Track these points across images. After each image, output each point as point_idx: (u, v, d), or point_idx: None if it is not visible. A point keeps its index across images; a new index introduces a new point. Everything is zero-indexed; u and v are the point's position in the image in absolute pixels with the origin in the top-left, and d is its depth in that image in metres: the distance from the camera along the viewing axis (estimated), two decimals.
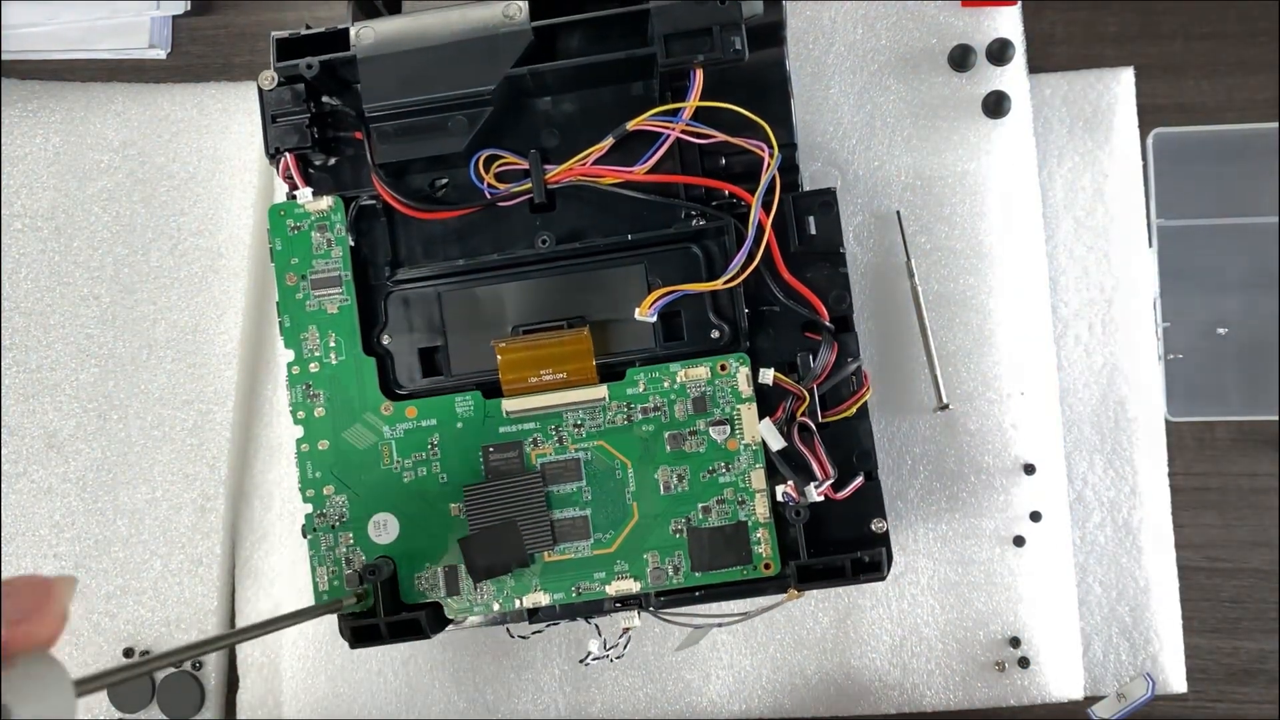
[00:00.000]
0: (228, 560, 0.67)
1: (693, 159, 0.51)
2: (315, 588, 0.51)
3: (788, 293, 0.51)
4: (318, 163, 0.53)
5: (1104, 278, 0.65)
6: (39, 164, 0.69)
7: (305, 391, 0.51)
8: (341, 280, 0.51)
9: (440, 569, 0.51)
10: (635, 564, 0.50)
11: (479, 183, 0.51)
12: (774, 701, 0.63)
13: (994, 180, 0.65)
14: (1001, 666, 0.62)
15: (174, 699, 0.66)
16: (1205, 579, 0.64)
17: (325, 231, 0.51)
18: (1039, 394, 0.64)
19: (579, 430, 0.51)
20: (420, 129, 0.51)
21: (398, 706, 0.65)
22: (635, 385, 0.50)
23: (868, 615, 0.63)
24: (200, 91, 0.68)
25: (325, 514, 0.51)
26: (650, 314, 0.50)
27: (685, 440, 0.50)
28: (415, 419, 0.51)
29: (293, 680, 0.66)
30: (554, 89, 0.52)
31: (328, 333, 0.51)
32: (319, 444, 0.51)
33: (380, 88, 0.50)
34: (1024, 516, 0.63)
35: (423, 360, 0.52)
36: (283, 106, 0.52)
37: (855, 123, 0.66)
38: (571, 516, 0.50)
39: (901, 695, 0.63)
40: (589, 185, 0.51)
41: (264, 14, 0.71)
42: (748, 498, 0.50)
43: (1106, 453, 0.65)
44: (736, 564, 0.50)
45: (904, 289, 0.64)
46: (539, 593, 0.50)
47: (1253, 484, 0.65)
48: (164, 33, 0.71)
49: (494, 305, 0.52)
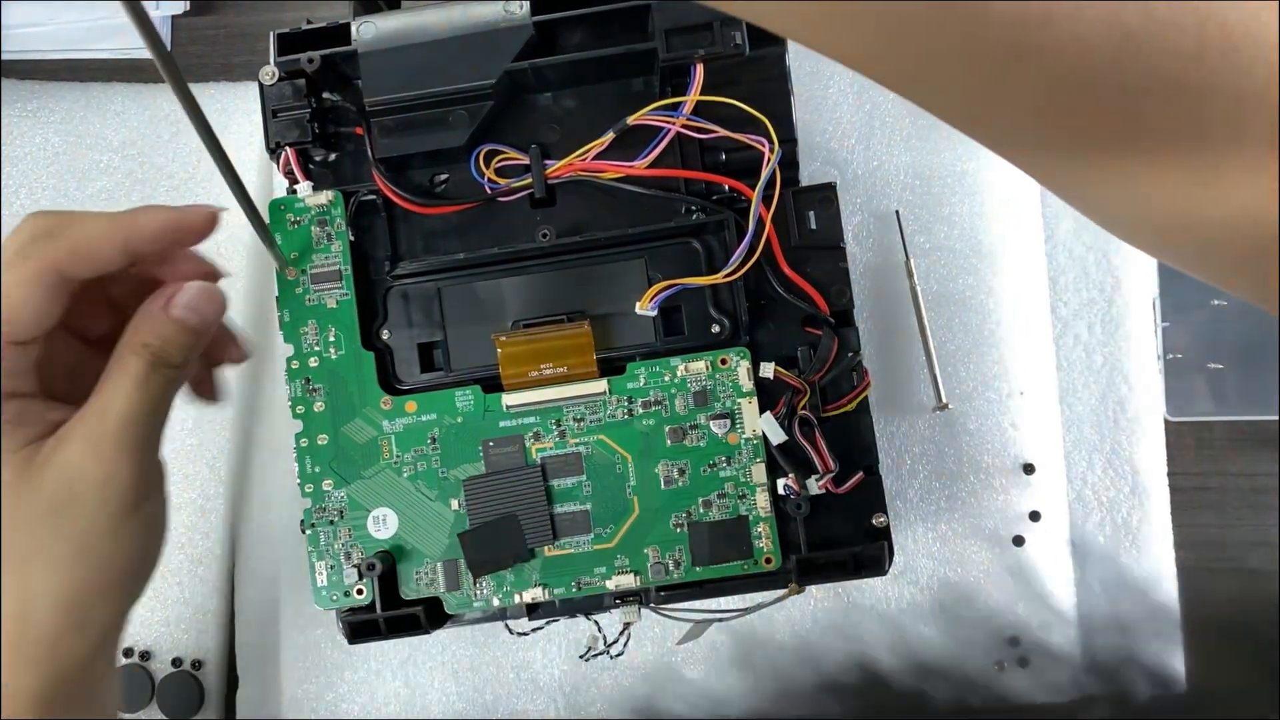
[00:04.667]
0: (228, 560, 0.67)
1: (693, 154, 0.51)
2: (314, 583, 0.51)
3: (788, 287, 0.51)
4: (318, 158, 0.53)
5: (1103, 278, 0.65)
6: (39, 164, 0.69)
7: (304, 386, 0.51)
8: (341, 275, 0.51)
9: (440, 564, 0.50)
10: (636, 558, 0.50)
11: (479, 178, 0.51)
12: (773, 701, 0.63)
13: (994, 180, 0.65)
14: (1001, 666, 0.62)
15: (174, 699, 0.65)
16: (1205, 579, 0.64)
17: (325, 226, 0.51)
18: (1039, 394, 0.64)
19: (579, 424, 0.50)
20: (421, 124, 0.51)
21: (398, 706, 0.65)
22: (636, 379, 0.50)
23: (868, 615, 0.63)
24: (200, 91, 0.68)
25: (324, 509, 0.51)
26: (651, 308, 0.50)
27: (686, 434, 0.50)
28: (415, 413, 0.51)
29: (292, 680, 0.65)
30: (554, 84, 0.52)
31: (327, 327, 0.51)
32: (318, 439, 0.51)
33: (381, 82, 0.50)
34: (1024, 516, 0.63)
35: (422, 355, 0.52)
36: (283, 101, 0.52)
37: (854, 122, 0.66)
38: (572, 511, 0.50)
39: (901, 695, 0.63)
40: (589, 180, 0.51)
41: (264, 14, 0.71)
42: (748, 492, 0.50)
43: (1106, 453, 0.65)
44: (737, 558, 0.50)
45: (903, 288, 0.64)
46: (539, 588, 0.50)
47: (1252, 484, 0.65)
48: (164, 33, 0.71)
49: (494, 300, 0.52)
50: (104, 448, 0.41)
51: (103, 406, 0.42)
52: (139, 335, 0.43)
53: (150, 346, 0.42)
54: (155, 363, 0.42)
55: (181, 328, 0.43)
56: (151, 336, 0.43)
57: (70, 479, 0.41)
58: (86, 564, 0.42)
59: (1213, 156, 0.31)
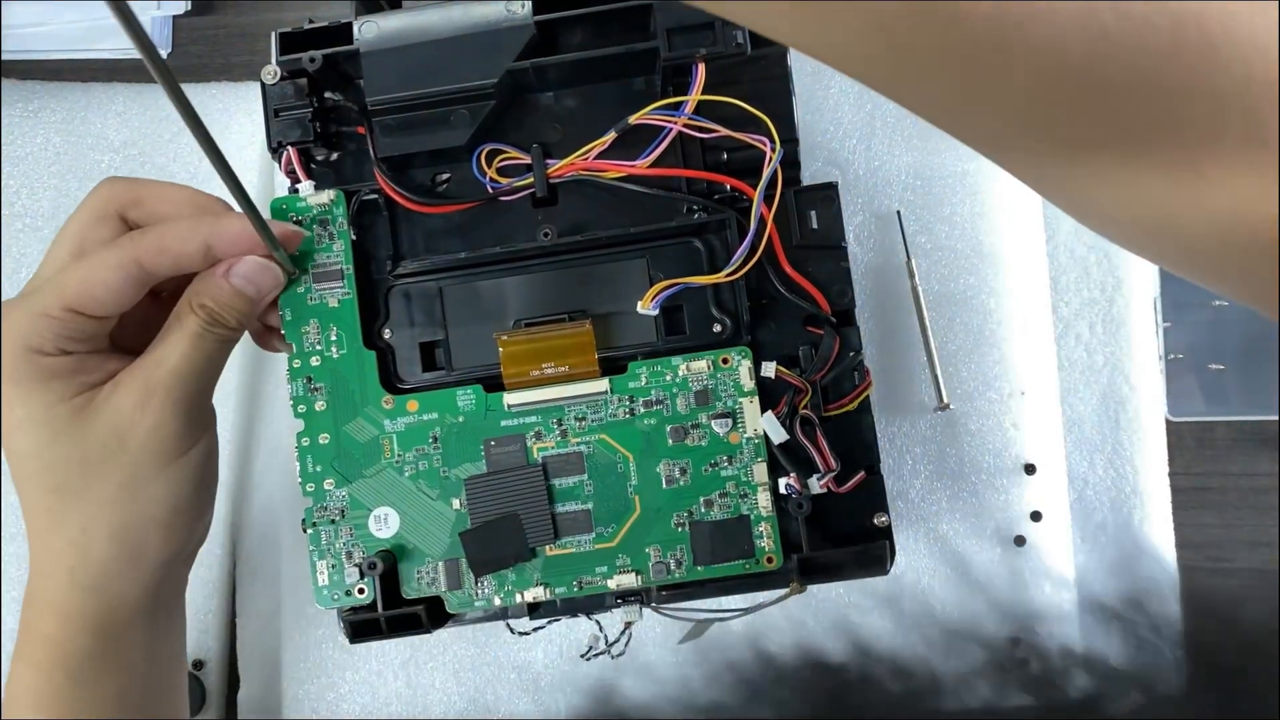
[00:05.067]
0: (229, 560, 0.67)
1: (695, 153, 0.51)
2: (315, 582, 0.51)
3: (789, 286, 0.51)
4: (320, 157, 0.53)
5: (1104, 278, 0.65)
6: (39, 164, 0.69)
7: (306, 385, 0.51)
8: (343, 274, 0.51)
9: (441, 563, 0.50)
10: (637, 558, 0.50)
11: (481, 177, 0.51)
12: (773, 701, 0.63)
13: (994, 180, 0.65)
14: (1001, 666, 0.62)
15: None
16: (1205, 579, 0.64)
17: (327, 225, 0.51)
18: (1039, 394, 0.64)
19: (581, 424, 0.50)
20: (422, 123, 0.51)
21: (398, 706, 0.65)
22: (637, 378, 0.50)
23: (868, 615, 0.63)
24: (201, 91, 0.69)
25: (326, 508, 0.51)
26: (652, 307, 0.50)
27: (687, 434, 0.50)
28: (416, 413, 0.51)
29: (294, 680, 0.65)
30: (556, 83, 0.52)
31: (329, 326, 0.51)
32: (320, 438, 0.51)
33: (382, 81, 0.50)
34: (1024, 516, 0.63)
35: (424, 354, 0.52)
36: (285, 101, 0.52)
37: (855, 122, 0.66)
38: (573, 510, 0.50)
39: (902, 695, 0.63)
40: (591, 179, 0.51)
41: (264, 14, 0.71)
42: (750, 491, 0.50)
43: (1107, 453, 0.65)
44: (739, 558, 0.50)
45: (904, 289, 0.64)
46: (540, 587, 0.50)
47: (1252, 484, 0.65)
48: (164, 33, 0.71)
49: (495, 299, 0.52)
50: (154, 398, 0.46)
51: (158, 359, 0.46)
52: (198, 296, 0.47)
53: (207, 308, 0.46)
54: (210, 322, 0.46)
55: (238, 294, 0.47)
56: (210, 299, 0.46)
57: (119, 425, 0.45)
58: (135, 503, 0.47)
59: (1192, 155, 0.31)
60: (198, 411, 0.47)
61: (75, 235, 0.47)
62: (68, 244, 0.47)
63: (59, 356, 0.45)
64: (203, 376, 0.47)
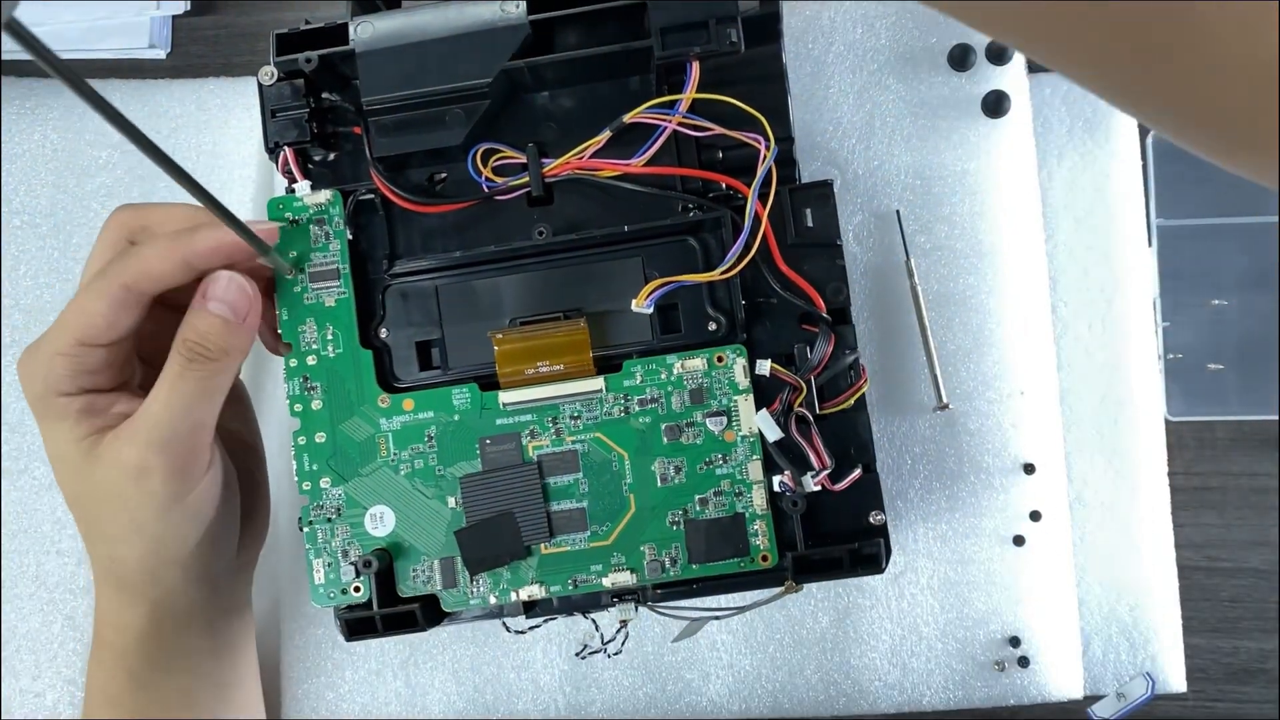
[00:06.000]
0: None
1: (690, 152, 0.51)
2: (312, 580, 0.51)
3: (785, 284, 0.51)
4: (317, 158, 0.53)
5: (1104, 278, 0.65)
6: (38, 161, 0.69)
7: (302, 384, 0.51)
8: (339, 273, 0.51)
9: (437, 561, 0.51)
10: (632, 556, 0.50)
11: (477, 176, 0.51)
12: (773, 701, 0.63)
13: (994, 180, 0.65)
14: (1001, 666, 0.62)
15: None
16: (1205, 579, 0.64)
17: (323, 225, 0.51)
18: (1039, 394, 0.64)
19: (576, 422, 0.50)
20: (418, 123, 0.51)
21: (398, 706, 0.65)
22: (632, 377, 0.50)
23: (867, 615, 0.63)
24: (199, 87, 0.69)
25: (322, 506, 0.51)
26: (647, 305, 0.50)
27: (682, 432, 0.50)
28: (412, 411, 0.51)
29: (292, 680, 0.65)
30: (551, 83, 0.52)
31: (325, 325, 0.51)
32: (316, 436, 0.51)
33: (378, 82, 0.50)
34: (1024, 516, 0.63)
35: (420, 353, 0.52)
36: (282, 101, 0.52)
37: (855, 122, 0.66)
38: (568, 508, 0.50)
39: (901, 695, 0.63)
40: (586, 178, 0.51)
41: (264, 14, 0.71)
42: (745, 489, 0.50)
43: (1106, 453, 0.65)
44: (734, 556, 0.50)
45: (904, 288, 0.64)
46: (535, 585, 0.50)
47: (1252, 484, 0.65)
48: (164, 32, 0.71)
49: (491, 298, 0.52)
50: (146, 453, 0.47)
51: (144, 410, 0.47)
52: (182, 330, 0.48)
53: (189, 342, 0.47)
54: (192, 358, 0.47)
55: (215, 321, 0.47)
56: (191, 331, 0.47)
57: (116, 478, 0.47)
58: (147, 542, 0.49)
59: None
60: (191, 455, 0.48)
61: (91, 268, 0.50)
62: (85, 278, 0.50)
63: (77, 396, 0.47)
64: (189, 418, 0.47)
